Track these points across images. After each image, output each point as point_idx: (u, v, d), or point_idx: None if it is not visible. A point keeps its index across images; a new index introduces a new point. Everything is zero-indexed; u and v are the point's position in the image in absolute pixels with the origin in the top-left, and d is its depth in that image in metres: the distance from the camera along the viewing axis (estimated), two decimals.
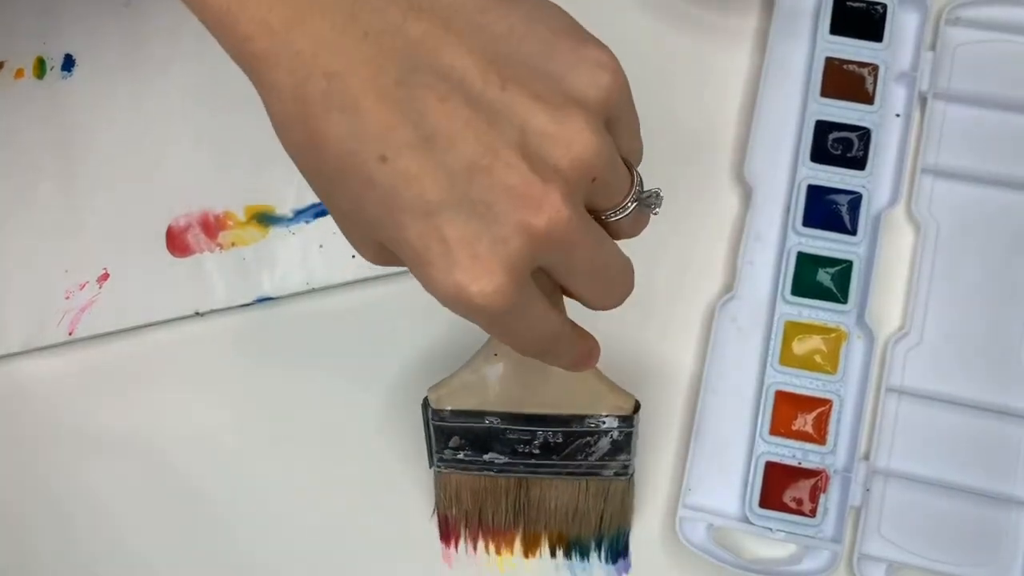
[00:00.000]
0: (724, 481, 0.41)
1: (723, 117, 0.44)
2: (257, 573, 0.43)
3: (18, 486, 0.44)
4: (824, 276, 0.41)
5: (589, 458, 0.38)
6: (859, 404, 0.41)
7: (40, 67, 0.46)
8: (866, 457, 0.40)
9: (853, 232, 0.41)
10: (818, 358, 0.41)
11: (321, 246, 0.43)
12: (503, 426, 0.37)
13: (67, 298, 0.44)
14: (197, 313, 0.44)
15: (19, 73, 0.46)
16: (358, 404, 0.43)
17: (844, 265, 0.41)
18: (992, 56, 0.43)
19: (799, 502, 0.40)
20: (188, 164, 0.45)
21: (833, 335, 0.41)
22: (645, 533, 0.41)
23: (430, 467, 0.40)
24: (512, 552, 0.41)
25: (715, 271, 0.43)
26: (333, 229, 0.43)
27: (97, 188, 0.45)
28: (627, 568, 0.41)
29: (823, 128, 0.42)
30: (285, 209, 0.44)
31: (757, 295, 0.42)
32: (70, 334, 0.44)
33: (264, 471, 0.43)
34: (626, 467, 0.39)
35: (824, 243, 0.42)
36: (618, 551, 0.41)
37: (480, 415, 0.37)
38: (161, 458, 0.44)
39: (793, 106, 0.43)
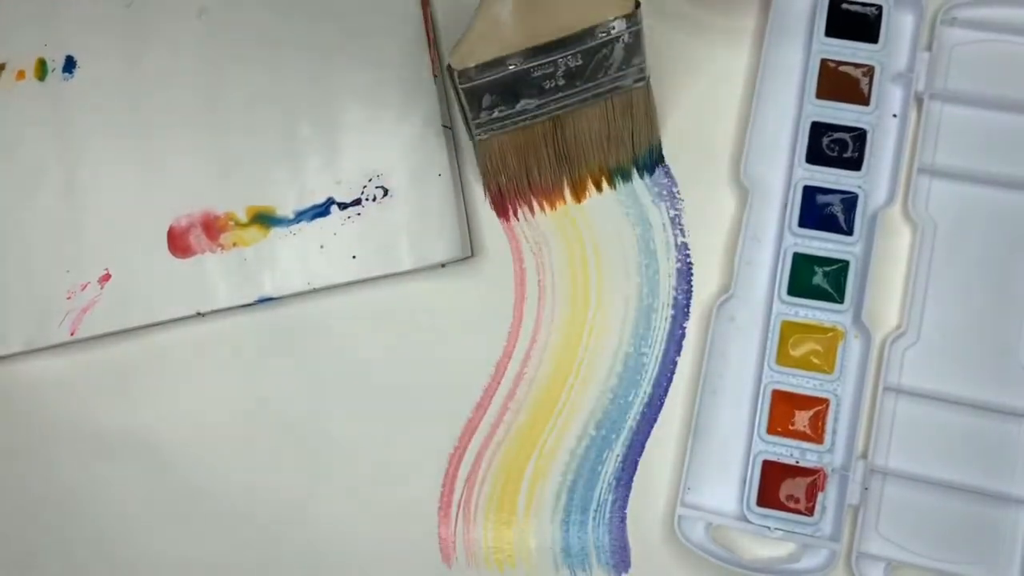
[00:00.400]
0: (722, 480, 0.41)
1: (720, 119, 0.45)
2: (257, 570, 0.43)
3: (20, 485, 0.44)
4: (821, 276, 0.42)
5: (608, 72, 0.40)
6: (856, 403, 0.41)
7: (41, 68, 0.47)
8: (864, 456, 0.41)
9: (849, 232, 0.42)
10: (815, 358, 0.41)
11: (322, 246, 0.44)
12: (525, 65, 0.38)
13: (69, 298, 0.44)
14: (199, 313, 0.44)
15: (20, 75, 0.47)
16: (360, 404, 0.44)
17: (840, 265, 0.42)
18: (988, 56, 0.43)
19: (797, 501, 0.40)
20: (189, 165, 0.45)
21: (830, 335, 0.41)
22: (644, 532, 0.42)
23: (471, 139, 0.41)
24: (564, 202, 0.44)
25: (713, 271, 0.43)
26: (333, 230, 0.44)
27: (98, 189, 0.45)
28: (627, 567, 0.42)
29: (819, 129, 0.43)
30: (286, 210, 0.44)
31: (754, 295, 0.42)
32: (72, 334, 0.44)
33: (265, 471, 0.43)
34: (642, 71, 0.40)
35: (820, 243, 0.42)
36: (654, 162, 0.44)
37: (502, 62, 0.38)
38: (162, 457, 0.44)
39: (789, 108, 0.44)
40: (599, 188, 0.44)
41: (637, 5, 0.38)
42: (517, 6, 0.37)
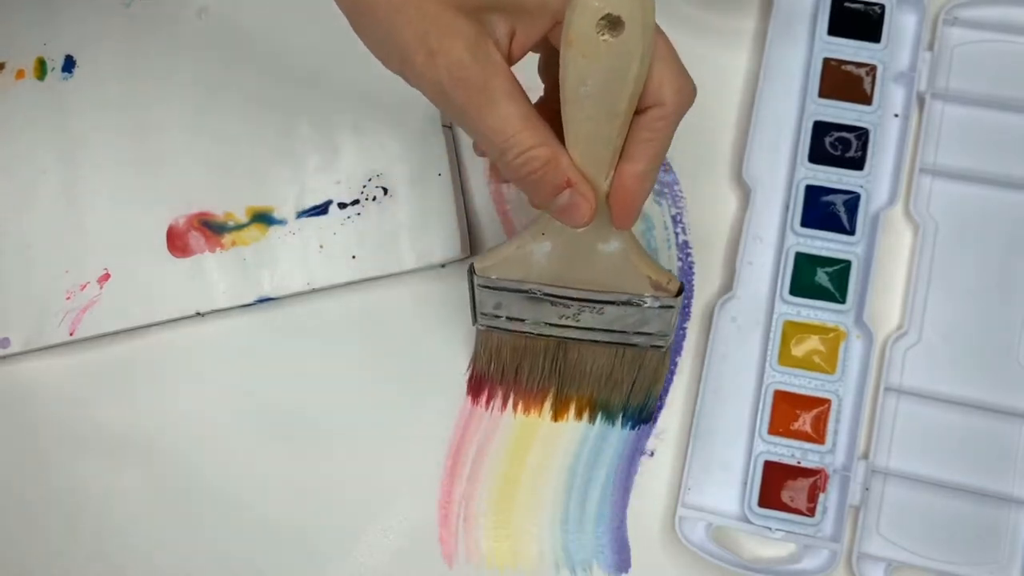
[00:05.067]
0: (723, 480, 0.41)
1: (722, 118, 0.44)
2: (256, 569, 0.43)
3: (19, 485, 0.44)
4: (823, 276, 0.42)
5: (627, 331, 0.38)
6: (858, 403, 0.41)
7: (41, 68, 0.47)
8: (865, 456, 0.41)
9: (851, 232, 0.42)
10: (817, 358, 0.41)
11: (321, 246, 0.44)
12: (545, 296, 0.37)
13: (68, 298, 0.44)
14: (198, 313, 0.44)
15: (20, 74, 0.47)
16: (359, 404, 0.44)
17: (842, 265, 0.42)
18: (990, 56, 0.43)
19: (798, 501, 0.40)
20: (188, 164, 0.45)
21: (832, 335, 0.41)
22: (644, 532, 0.42)
23: (473, 324, 0.40)
24: (540, 414, 0.42)
25: (714, 271, 0.43)
26: (333, 230, 0.44)
27: (98, 188, 0.45)
28: (627, 567, 0.41)
29: (821, 129, 0.42)
30: (286, 210, 0.44)
31: (756, 295, 0.42)
32: (71, 334, 0.44)
33: (264, 471, 0.43)
34: (663, 341, 0.39)
35: (822, 243, 0.42)
36: (642, 419, 0.42)
37: (523, 283, 0.37)
38: (162, 457, 0.44)
39: (791, 107, 0.43)
40: (579, 416, 0.42)
41: (679, 292, 0.37)
42: (553, 251, 0.36)
